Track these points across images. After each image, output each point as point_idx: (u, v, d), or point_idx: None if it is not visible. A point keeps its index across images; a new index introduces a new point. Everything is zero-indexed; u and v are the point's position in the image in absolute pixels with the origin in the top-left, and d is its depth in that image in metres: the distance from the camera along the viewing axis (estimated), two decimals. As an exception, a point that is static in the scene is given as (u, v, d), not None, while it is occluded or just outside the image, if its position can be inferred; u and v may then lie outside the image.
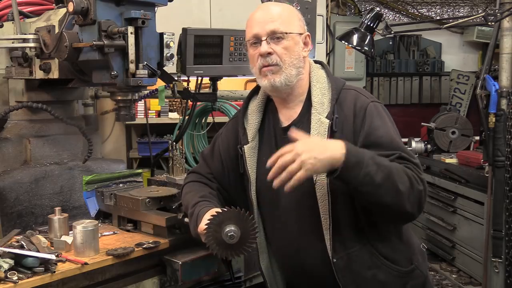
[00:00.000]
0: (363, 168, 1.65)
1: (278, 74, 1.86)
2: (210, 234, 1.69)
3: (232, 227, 1.67)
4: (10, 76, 2.45)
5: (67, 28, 2.09)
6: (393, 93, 6.31)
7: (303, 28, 1.93)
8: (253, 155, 1.99)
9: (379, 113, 1.86)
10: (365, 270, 1.85)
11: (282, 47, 1.85)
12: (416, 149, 5.20)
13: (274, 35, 1.85)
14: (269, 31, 1.85)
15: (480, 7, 6.28)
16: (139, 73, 2.10)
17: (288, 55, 1.86)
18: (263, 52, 1.85)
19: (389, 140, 1.81)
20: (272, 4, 1.97)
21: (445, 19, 6.08)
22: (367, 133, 1.81)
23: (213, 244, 1.69)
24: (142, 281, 2.04)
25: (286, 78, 1.87)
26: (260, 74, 1.90)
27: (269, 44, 1.85)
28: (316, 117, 1.87)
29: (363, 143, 1.80)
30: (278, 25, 1.85)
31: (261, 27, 1.86)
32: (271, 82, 1.87)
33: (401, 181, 1.69)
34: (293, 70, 1.88)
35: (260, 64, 1.88)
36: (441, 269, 4.71)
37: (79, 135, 2.58)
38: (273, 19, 1.86)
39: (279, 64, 1.86)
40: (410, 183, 1.71)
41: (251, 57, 1.93)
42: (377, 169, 1.67)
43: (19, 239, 1.98)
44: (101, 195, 2.37)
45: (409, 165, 1.76)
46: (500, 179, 3.90)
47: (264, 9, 1.92)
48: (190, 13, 4.53)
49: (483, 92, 3.98)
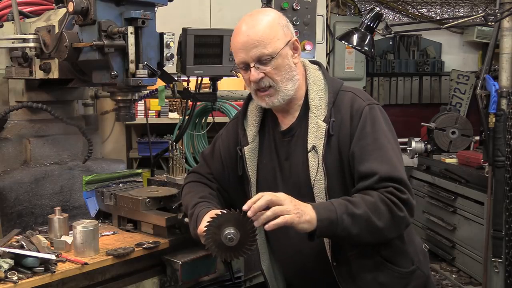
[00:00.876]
0: (338, 226, 1.68)
1: (274, 96, 1.86)
2: (210, 236, 1.69)
3: (232, 230, 1.67)
4: (10, 76, 2.45)
5: (67, 28, 2.09)
6: (393, 93, 6.31)
7: (289, 34, 1.87)
8: (253, 156, 1.99)
9: (372, 118, 1.84)
10: (366, 273, 1.85)
11: (272, 68, 1.83)
12: (416, 149, 5.21)
13: (261, 60, 1.82)
14: (255, 58, 1.81)
15: (480, 7, 6.28)
16: (139, 73, 2.11)
17: (279, 73, 1.84)
18: (254, 80, 1.84)
19: (377, 147, 1.79)
20: (253, 20, 1.85)
21: (445, 19, 6.08)
22: (356, 138, 1.81)
23: (212, 246, 1.69)
24: (142, 281, 2.04)
25: (283, 95, 1.87)
26: (257, 96, 1.90)
27: (258, 69, 1.83)
28: (313, 120, 1.86)
29: (352, 148, 1.81)
30: (262, 50, 1.80)
31: (246, 53, 1.82)
32: (269, 104, 1.89)
33: (380, 218, 1.70)
34: (288, 84, 1.87)
35: (254, 88, 1.88)
36: (441, 269, 4.71)
37: (79, 135, 2.58)
38: (256, 43, 1.80)
39: (273, 85, 1.85)
40: (390, 213, 1.71)
41: (244, 79, 1.91)
42: (352, 221, 1.68)
43: (19, 239, 1.98)
44: (101, 195, 2.37)
45: (389, 188, 1.73)
46: (500, 179, 3.90)
47: (245, 30, 1.83)
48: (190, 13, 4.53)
49: (483, 92, 3.98)
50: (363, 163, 1.77)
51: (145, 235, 2.20)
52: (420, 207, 5.05)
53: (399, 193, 1.73)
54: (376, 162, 1.76)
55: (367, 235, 1.72)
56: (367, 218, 1.69)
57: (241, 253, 1.71)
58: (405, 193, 1.74)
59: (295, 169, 1.91)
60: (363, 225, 1.69)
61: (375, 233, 1.72)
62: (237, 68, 1.90)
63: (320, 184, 1.82)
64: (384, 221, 1.70)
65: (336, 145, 1.84)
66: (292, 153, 1.92)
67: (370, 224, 1.69)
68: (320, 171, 1.81)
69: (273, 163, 1.97)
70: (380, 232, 1.72)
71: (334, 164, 1.83)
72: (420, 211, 5.07)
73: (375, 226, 1.70)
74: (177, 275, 2.03)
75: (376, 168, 1.75)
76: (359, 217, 1.68)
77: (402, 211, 1.72)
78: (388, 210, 1.70)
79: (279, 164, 1.96)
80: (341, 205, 1.70)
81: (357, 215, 1.68)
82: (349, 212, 1.68)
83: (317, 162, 1.82)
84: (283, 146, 1.95)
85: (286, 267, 2.04)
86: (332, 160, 1.83)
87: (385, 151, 1.80)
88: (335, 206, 1.69)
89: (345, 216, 1.68)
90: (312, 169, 1.83)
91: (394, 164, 1.78)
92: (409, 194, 1.75)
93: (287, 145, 1.94)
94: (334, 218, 1.67)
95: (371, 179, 1.75)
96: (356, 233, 1.69)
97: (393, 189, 1.73)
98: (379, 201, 1.71)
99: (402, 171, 1.79)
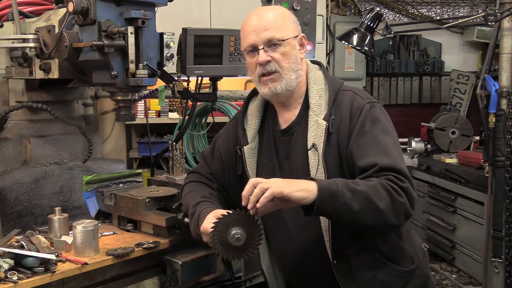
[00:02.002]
0: (338, 199, 1.64)
1: (278, 82, 1.87)
2: (217, 233, 1.69)
3: (239, 230, 1.68)
4: (10, 76, 2.45)
5: (67, 28, 2.09)
6: (393, 93, 6.31)
7: (297, 30, 1.92)
8: (253, 156, 2.00)
9: (372, 116, 1.84)
10: (366, 271, 1.85)
11: (280, 54, 1.85)
12: (416, 149, 5.21)
13: (271, 43, 1.85)
14: (265, 40, 1.84)
15: (480, 7, 6.28)
16: (139, 73, 2.11)
17: (286, 60, 1.86)
18: (262, 61, 1.85)
19: (375, 143, 1.79)
20: (265, 9, 1.95)
21: (445, 19, 6.08)
22: (355, 136, 1.81)
23: (217, 244, 1.69)
24: (142, 281, 2.04)
25: (286, 83, 1.87)
26: (260, 82, 1.90)
27: (266, 52, 1.85)
28: (313, 118, 1.87)
29: (350, 146, 1.81)
30: (273, 33, 1.84)
31: (256, 35, 1.85)
32: (272, 90, 1.88)
33: (380, 199, 1.67)
34: (293, 75, 1.88)
35: (259, 72, 1.88)
36: (441, 269, 4.71)
37: (79, 135, 2.58)
38: (268, 26, 1.85)
39: (278, 71, 1.86)
40: (390, 197, 1.69)
41: (249, 65, 1.92)
42: (353, 196, 1.66)
43: (19, 239, 1.98)
44: (101, 195, 2.37)
45: (389, 175, 1.73)
46: (500, 179, 3.90)
47: (257, 16, 1.89)
48: (190, 13, 4.54)
49: (483, 92, 3.98)
50: (362, 159, 1.77)
51: (145, 235, 2.20)
52: (420, 207, 5.06)
53: (399, 181, 1.72)
54: (375, 155, 1.76)
55: (367, 214, 1.68)
56: (368, 197, 1.66)
57: (244, 254, 1.71)
58: (405, 182, 1.73)
59: (295, 167, 1.91)
60: (363, 202, 1.66)
61: (375, 214, 1.68)
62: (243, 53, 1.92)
63: None
64: (384, 203, 1.67)
65: (336, 143, 1.84)
66: (292, 152, 1.93)
67: (371, 203, 1.66)
68: (321, 169, 1.81)
69: (273, 162, 1.97)
70: (380, 214, 1.68)
71: (334, 162, 1.83)
72: (420, 211, 5.07)
73: (376, 207, 1.66)
74: (177, 275, 2.03)
75: (376, 160, 1.75)
76: (360, 193, 1.66)
77: (402, 197, 1.71)
78: (388, 194, 1.69)
79: (278, 163, 1.96)
80: (342, 181, 1.69)
81: (358, 191, 1.66)
82: (350, 188, 1.67)
83: (317, 160, 1.82)
84: (282, 145, 1.96)
85: (286, 266, 2.04)
86: (332, 158, 1.83)
87: (384, 146, 1.79)
88: (336, 182, 1.68)
89: (345, 190, 1.66)
90: (312, 167, 1.83)
91: (394, 157, 1.78)
92: (409, 184, 1.74)
93: (287, 144, 1.95)
94: (335, 190, 1.65)
95: (371, 170, 1.75)
96: (356, 210, 1.66)
97: (392, 177, 1.72)
98: (380, 185, 1.69)
99: (402, 164, 1.78)
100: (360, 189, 1.67)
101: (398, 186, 1.71)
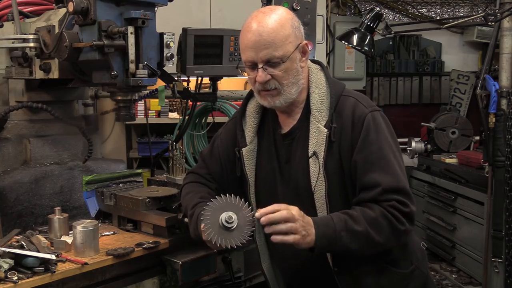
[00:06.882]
0: (337, 243, 1.70)
1: (277, 97, 1.84)
2: (208, 219, 1.70)
3: (230, 213, 1.69)
4: (10, 76, 2.45)
5: (67, 28, 2.09)
6: (393, 93, 6.30)
7: (299, 37, 1.83)
8: (251, 157, 1.98)
9: (376, 125, 1.82)
10: (367, 276, 1.85)
11: (280, 71, 1.79)
12: (416, 149, 5.21)
13: (270, 62, 1.78)
14: (264, 59, 1.77)
15: (480, 7, 6.27)
16: (139, 73, 2.11)
17: (287, 77, 1.81)
18: (261, 81, 1.81)
19: (380, 156, 1.78)
20: (265, 17, 1.79)
21: (445, 19, 6.07)
22: (359, 148, 1.80)
23: (209, 229, 1.69)
24: (142, 281, 2.04)
25: (285, 98, 1.84)
26: (259, 95, 1.88)
27: (266, 70, 1.79)
28: (314, 125, 1.84)
29: (355, 157, 1.79)
30: (273, 52, 1.76)
31: (255, 53, 1.77)
32: (271, 104, 1.86)
33: (380, 232, 1.71)
34: (293, 88, 1.84)
35: (258, 88, 1.85)
36: (441, 269, 4.71)
37: (79, 135, 2.58)
38: (267, 44, 1.75)
39: (278, 88, 1.82)
40: (390, 227, 1.72)
41: (249, 78, 1.87)
42: (351, 238, 1.70)
43: (19, 239, 1.98)
44: (101, 195, 2.37)
45: (391, 201, 1.73)
46: (500, 179, 3.91)
47: (256, 28, 1.77)
48: (190, 13, 4.54)
49: (483, 92, 3.98)
50: (366, 173, 1.76)
51: (145, 235, 2.20)
52: (420, 207, 5.05)
53: (402, 207, 1.73)
54: (379, 173, 1.75)
55: (366, 249, 1.75)
56: (367, 235, 1.70)
57: (237, 240, 1.71)
58: (407, 206, 1.74)
59: (295, 173, 1.89)
60: (362, 241, 1.71)
61: (374, 247, 1.75)
62: (243, 66, 1.87)
63: (321, 190, 1.81)
64: (383, 236, 1.72)
65: (337, 151, 1.82)
66: (292, 157, 1.91)
67: (370, 240, 1.71)
68: (321, 177, 1.80)
69: (273, 165, 1.96)
70: (379, 246, 1.74)
71: (335, 171, 1.82)
72: (420, 211, 5.07)
73: (374, 241, 1.71)
74: (177, 275, 2.03)
75: (379, 180, 1.74)
76: (358, 234, 1.70)
77: (403, 224, 1.74)
78: (389, 224, 1.72)
79: (279, 166, 1.95)
80: (340, 221, 1.71)
81: (356, 231, 1.70)
82: (349, 228, 1.69)
83: (318, 168, 1.80)
84: (283, 149, 1.94)
85: (285, 268, 2.04)
86: (332, 166, 1.82)
87: (388, 161, 1.78)
88: (335, 223, 1.70)
89: (344, 233, 1.69)
90: (313, 175, 1.82)
91: (397, 175, 1.77)
92: (411, 206, 1.75)
93: (288, 148, 1.93)
94: (332, 236, 1.69)
95: (374, 191, 1.74)
96: (355, 248, 1.72)
97: (395, 203, 1.73)
98: (381, 216, 1.71)
99: (404, 181, 1.79)
100: (359, 230, 1.70)
101: (400, 213, 1.73)
